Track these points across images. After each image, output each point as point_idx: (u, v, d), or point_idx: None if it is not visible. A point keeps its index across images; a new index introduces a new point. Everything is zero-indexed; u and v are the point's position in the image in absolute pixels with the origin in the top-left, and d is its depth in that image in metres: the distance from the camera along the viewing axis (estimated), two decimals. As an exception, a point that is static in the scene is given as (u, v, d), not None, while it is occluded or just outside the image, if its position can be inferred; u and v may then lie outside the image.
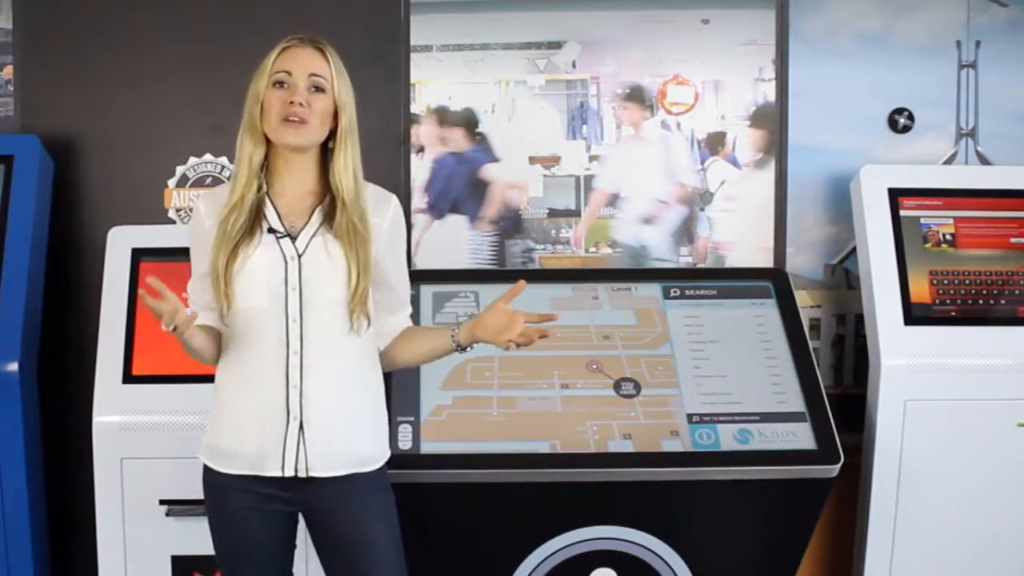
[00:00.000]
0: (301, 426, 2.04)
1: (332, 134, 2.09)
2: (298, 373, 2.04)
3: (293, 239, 2.06)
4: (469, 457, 2.54)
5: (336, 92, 2.07)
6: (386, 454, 2.17)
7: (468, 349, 2.18)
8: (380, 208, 2.14)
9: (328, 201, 2.09)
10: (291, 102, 2.02)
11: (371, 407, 2.16)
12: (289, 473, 2.04)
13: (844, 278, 3.23)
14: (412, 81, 3.16)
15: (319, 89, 2.05)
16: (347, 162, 2.07)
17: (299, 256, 2.05)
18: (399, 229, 2.20)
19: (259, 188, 2.07)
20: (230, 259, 2.03)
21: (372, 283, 2.10)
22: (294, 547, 2.17)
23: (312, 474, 2.05)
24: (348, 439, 2.09)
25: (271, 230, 2.06)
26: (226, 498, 2.08)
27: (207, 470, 2.11)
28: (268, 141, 2.07)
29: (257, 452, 2.04)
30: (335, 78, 2.07)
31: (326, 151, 2.11)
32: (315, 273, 2.05)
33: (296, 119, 2.02)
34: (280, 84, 2.04)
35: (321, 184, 2.11)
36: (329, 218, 2.07)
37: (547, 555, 2.61)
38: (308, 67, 2.05)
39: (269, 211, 2.08)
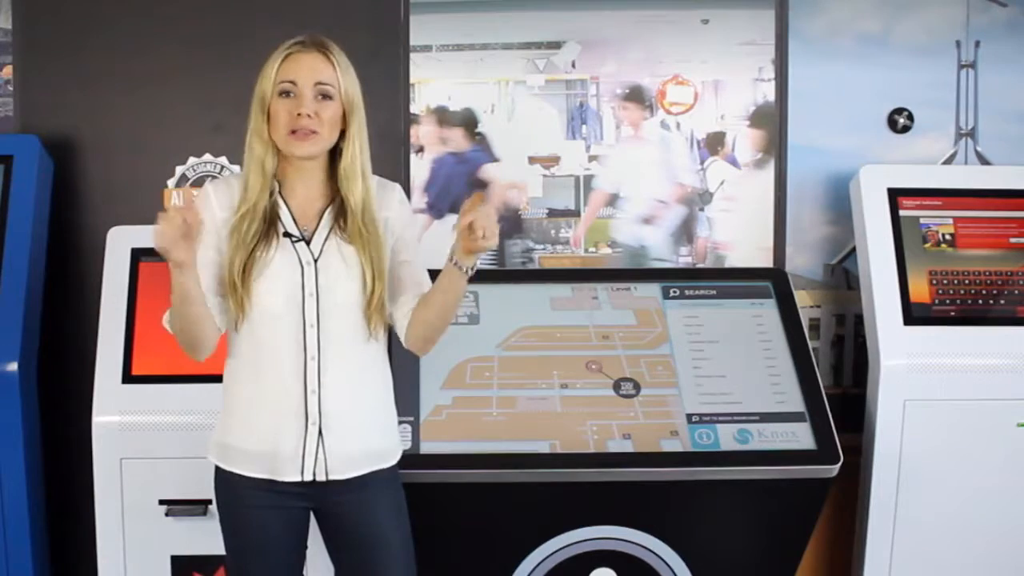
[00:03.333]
0: (320, 431, 2.04)
1: (342, 133, 2.07)
2: (316, 378, 2.03)
3: (308, 243, 2.06)
4: (469, 457, 2.54)
5: (344, 95, 2.04)
6: (399, 450, 2.18)
7: (471, 270, 2.01)
8: (384, 202, 2.13)
9: (338, 202, 2.08)
10: (299, 114, 1.99)
11: (385, 405, 2.16)
12: (308, 478, 2.04)
13: (844, 278, 3.23)
14: (412, 81, 3.16)
15: (326, 96, 2.02)
16: (355, 163, 2.05)
17: (315, 261, 2.05)
18: (407, 215, 2.19)
19: (271, 193, 2.05)
20: (248, 264, 2.01)
21: (390, 269, 2.09)
22: (306, 546, 2.16)
23: (331, 477, 2.05)
24: (365, 440, 2.09)
25: (286, 234, 2.05)
26: (240, 497, 2.08)
27: (220, 471, 2.10)
28: (276, 146, 2.05)
29: (273, 456, 2.04)
30: (341, 81, 2.04)
31: (335, 150, 2.09)
32: (331, 278, 2.04)
33: (305, 132, 1.99)
34: (286, 94, 2.01)
35: (330, 184, 2.10)
36: (339, 220, 2.06)
37: (547, 555, 2.61)
38: (313, 75, 2.01)
39: (283, 213, 2.07)
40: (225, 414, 2.11)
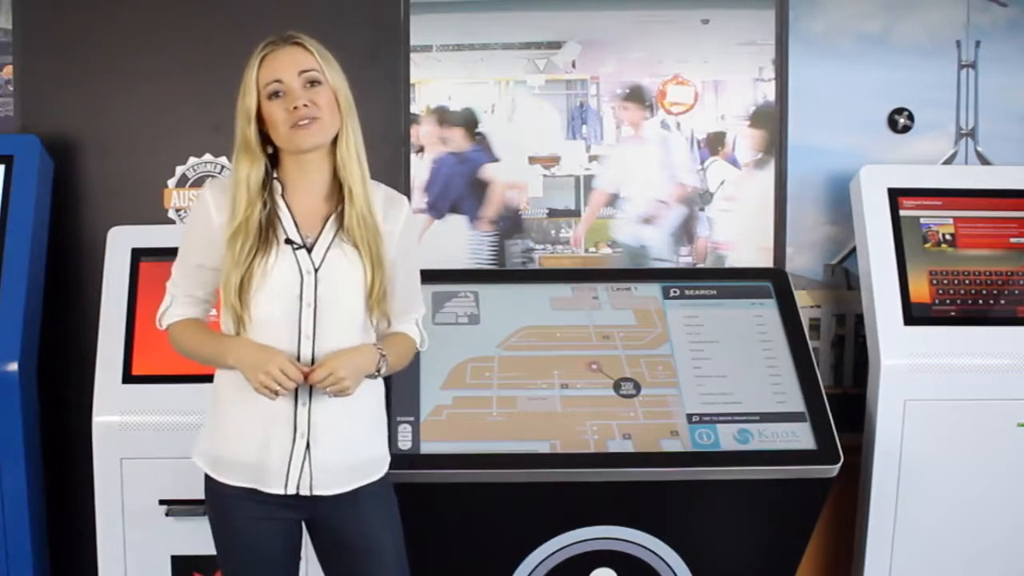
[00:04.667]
0: (308, 445, 2.02)
1: None
2: (307, 391, 2.01)
3: (309, 250, 2.03)
4: (469, 457, 2.53)
5: (330, 81, 2.02)
6: (387, 459, 2.16)
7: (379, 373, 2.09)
8: (392, 214, 2.11)
9: (341, 209, 2.04)
10: (295, 108, 1.97)
11: (375, 417, 2.14)
12: (292, 491, 2.02)
13: (844, 278, 3.23)
14: (412, 81, 3.16)
15: (315, 83, 2.01)
16: (350, 148, 2.03)
17: (315, 270, 2.02)
18: (411, 235, 2.17)
19: (264, 206, 2.01)
20: (245, 279, 1.98)
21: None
22: (299, 556, 2.15)
23: (316, 493, 2.03)
24: (353, 455, 2.07)
25: (288, 241, 2.02)
26: (230, 507, 2.06)
27: (209, 478, 2.08)
28: (268, 155, 2.03)
29: (260, 466, 2.01)
30: (324, 67, 2.02)
31: (334, 146, 2.06)
32: (331, 288, 2.01)
33: (306, 122, 1.98)
34: (275, 95, 1.99)
35: (335, 189, 2.07)
36: (342, 223, 2.03)
37: (547, 555, 2.61)
38: (296, 66, 2.00)
39: (285, 217, 2.04)
40: (214, 421, 2.09)
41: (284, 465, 2.01)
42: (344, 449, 2.05)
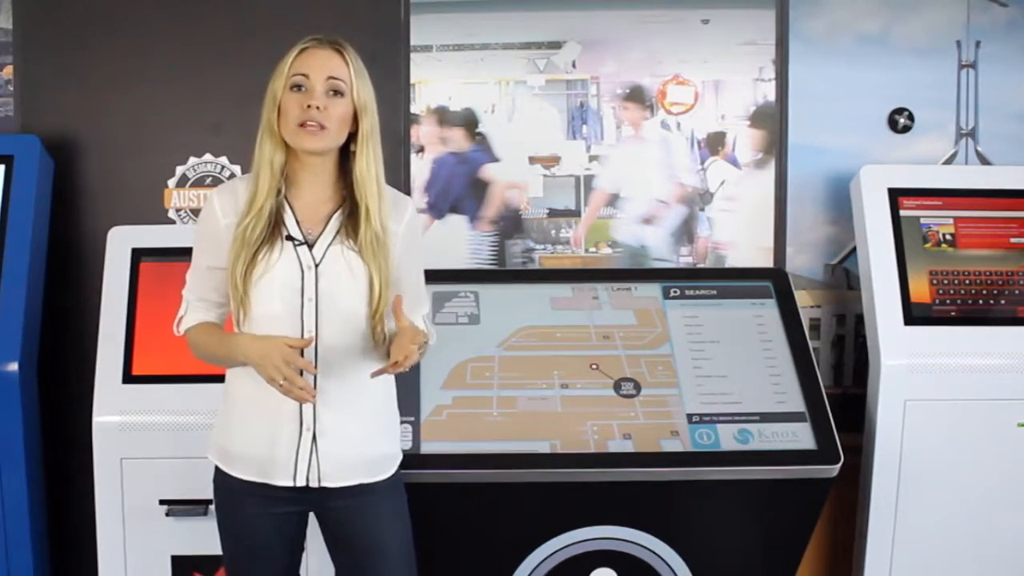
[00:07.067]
0: (314, 437, 2.03)
1: (352, 137, 2.06)
2: (313, 383, 2.02)
3: (310, 247, 2.04)
4: (469, 457, 2.54)
5: (356, 95, 2.03)
6: (398, 458, 2.17)
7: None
8: (396, 215, 2.11)
9: (347, 208, 2.06)
10: (308, 106, 1.98)
11: (385, 414, 2.15)
12: (301, 483, 2.04)
13: (844, 278, 3.23)
14: (412, 81, 3.16)
15: (337, 92, 2.02)
16: (370, 168, 2.04)
17: (316, 266, 2.03)
18: (415, 234, 2.18)
19: (278, 193, 2.04)
20: (250, 266, 2.00)
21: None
22: (303, 549, 2.17)
23: (324, 484, 2.04)
24: (361, 449, 2.09)
25: (289, 237, 2.03)
26: (237, 501, 2.08)
27: (218, 472, 2.11)
28: (286, 144, 2.05)
29: (268, 460, 2.03)
30: (354, 81, 2.03)
31: (345, 154, 2.08)
32: (332, 284, 2.03)
33: (313, 124, 1.99)
34: (297, 87, 2.01)
35: (338, 189, 2.09)
36: (347, 226, 2.05)
37: (547, 555, 2.61)
38: (326, 70, 2.01)
39: (287, 216, 2.05)
40: (224, 415, 2.12)
41: (292, 458, 2.03)
42: (351, 442, 2.07)
